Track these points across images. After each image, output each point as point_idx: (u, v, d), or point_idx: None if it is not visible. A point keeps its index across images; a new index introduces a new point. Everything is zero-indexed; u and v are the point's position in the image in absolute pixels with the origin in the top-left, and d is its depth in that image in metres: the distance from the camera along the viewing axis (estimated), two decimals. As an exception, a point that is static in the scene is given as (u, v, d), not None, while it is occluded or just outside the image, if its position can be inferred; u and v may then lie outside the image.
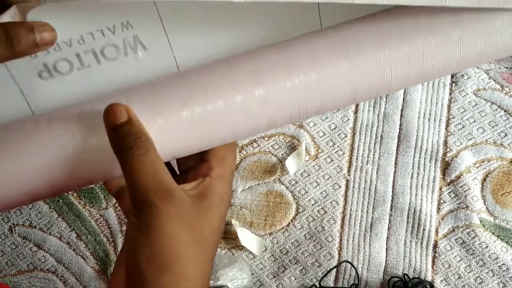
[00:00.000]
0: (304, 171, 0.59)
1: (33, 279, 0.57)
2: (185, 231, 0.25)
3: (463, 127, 0.59)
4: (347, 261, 0.56)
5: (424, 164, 0.58)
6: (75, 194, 0.59)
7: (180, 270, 0.25)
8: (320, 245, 0.57)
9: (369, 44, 0.29)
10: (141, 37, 0.30)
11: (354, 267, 0.56)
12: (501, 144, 0.59)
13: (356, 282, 0.56)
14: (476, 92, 0.59)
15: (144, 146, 0.26)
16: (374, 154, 0.59)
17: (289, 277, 0.57)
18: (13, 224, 0.58)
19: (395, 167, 0.59)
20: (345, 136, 0.59)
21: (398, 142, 0.59)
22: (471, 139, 0.59)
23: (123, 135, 0.26)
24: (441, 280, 0.56)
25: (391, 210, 0.58)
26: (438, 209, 0.57)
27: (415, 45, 0.29)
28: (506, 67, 0.60)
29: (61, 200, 0.59)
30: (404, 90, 0.60)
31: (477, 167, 0.58)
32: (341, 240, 0.58)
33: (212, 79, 0.29)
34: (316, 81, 0.29)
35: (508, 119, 0.59)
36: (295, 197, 0.58)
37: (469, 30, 0.30)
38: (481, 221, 0.57)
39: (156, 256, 0.25)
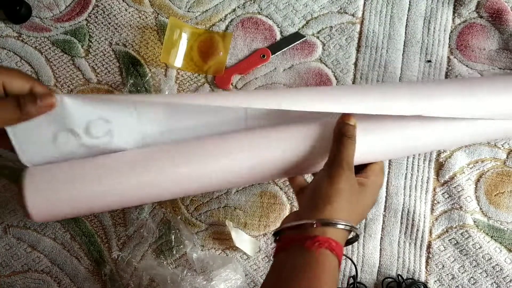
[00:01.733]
0: (298, 172, 0.59)
1: (27, 280, 0.57)
2: (348, 192, 0.42)
3: (457, 128, 0.59)
4: (344, 255, 0.56)
5: (418, 165, 0.58)
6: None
7: (339, 206, 0.41)
8: (314, 246, 0.57)
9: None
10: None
11: (351, 260, 0.57)
12: (495, 145, 0.59)
13: (354, 274, 0.56)
14: (470, 93, 0.59)
15: (355, 140, 0.45)
16: (368, 155, 0.59)
17: (283, 278, 0.57)
18: (8, 225, 0.58)
19: (389, 167, 0.59)
20: (339, 137, 0.59)
21: (392, 143, 0.59)
22: (465, 139, 0.59)
23: (349, 129, 0.45)
24: (435, 281, 0.56)
25: (385, 210, 0.58)
26: (432, 210, 0.58)
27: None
28: (500, 68, 0.60)
29: (55, 201, 0.59)
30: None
31: (470, 168, 0.58)
32: (335, 240, 0.57)
33: None
34: None
35: (501, 119, 0.58)
36: (289, 198, 0.58)
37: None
38: (474, 221, 0.57)
39: (330, 192, 0.42)
